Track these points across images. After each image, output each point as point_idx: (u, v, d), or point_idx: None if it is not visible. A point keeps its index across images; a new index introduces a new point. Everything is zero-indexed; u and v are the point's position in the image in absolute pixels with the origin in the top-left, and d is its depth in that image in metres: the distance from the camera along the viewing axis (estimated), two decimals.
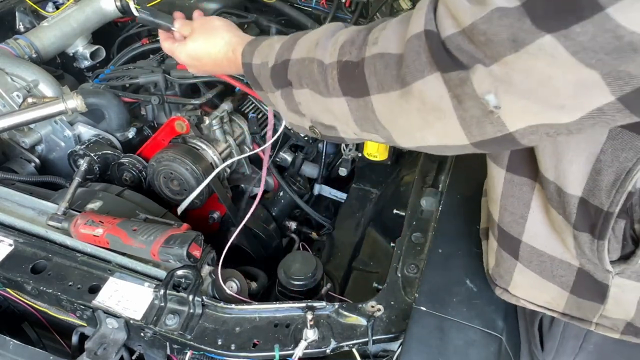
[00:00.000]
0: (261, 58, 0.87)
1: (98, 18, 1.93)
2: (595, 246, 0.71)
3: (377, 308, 1.00)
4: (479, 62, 0.54)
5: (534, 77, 0.51)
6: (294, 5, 1.98)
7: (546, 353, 0.94)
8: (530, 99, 0.53)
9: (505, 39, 0.51)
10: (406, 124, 0.67)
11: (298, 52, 0.79)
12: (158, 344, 1.05)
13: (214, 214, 1.58)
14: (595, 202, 0.67)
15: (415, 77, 0.61)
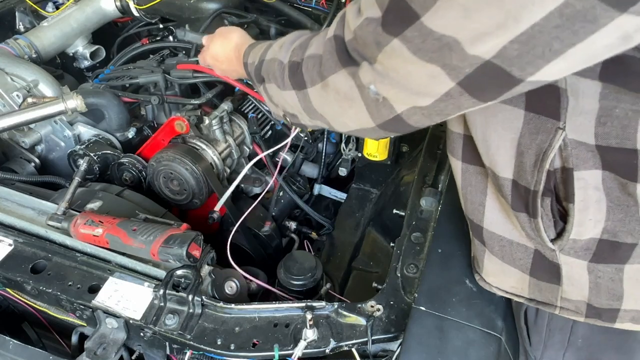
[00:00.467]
0: (252, 58, 1.00)
1: (98, 18, 1.93)
2: (533, 225, 0.77)
3: (377, 308, 1.00)
4: (365, 60, 0.69)
5: (398, 71, 0.64)
6: (294, 5, 1.98)
7: (534, 347, 0.95)
8: (399, 88, 0.66)
9: (372, 42, 0.65)
10: (331, 111, 0.81)
11: (270, 53, 0.92)
12: (158, 344, 1.05)
13: (214, 214, 1.58)
14: (523, 182, 0.75)
15: (329, 72, 0.75)
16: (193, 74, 1.56)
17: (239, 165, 1.62)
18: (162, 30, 1.91)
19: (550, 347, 0.93)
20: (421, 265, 1.05)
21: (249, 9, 1.94)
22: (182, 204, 1.50)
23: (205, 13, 1.69)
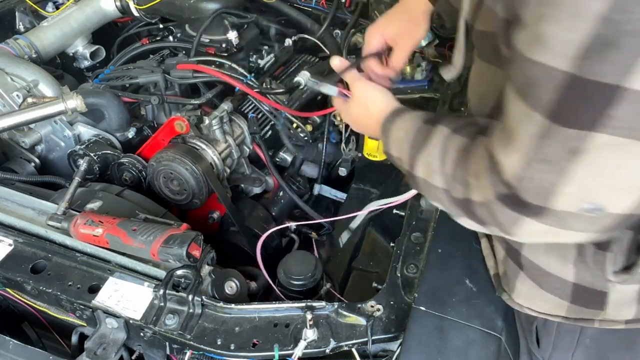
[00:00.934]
0: (397, 152, 0.91)
1: (98, 18, 1.93)
2: (598, 257, 0.75)
3: (377, 308, 1.00)
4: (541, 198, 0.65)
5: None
6: (294, 5, 1.98)
7: (543, 349, 0.94)
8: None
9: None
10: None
11: (420, 171, 0.83)
12: (157, 344, 1.05)
13: (214, 214, 1.58)
14: None
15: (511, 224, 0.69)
16: (193, 74, 1.56)
17: (239, 165, 1.62)
18: (162, 30, 1.91)
19: (559, 348, 0.93)
20: (421, 265, 1.05)
21: (249, 9, 1.94)
22: (182, 204, 1.50)
23: (205, 13, 1.69)
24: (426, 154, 0.81)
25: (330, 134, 1.76)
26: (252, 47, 1.79)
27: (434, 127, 0.82)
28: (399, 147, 0.89)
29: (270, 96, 1.58)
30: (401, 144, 0.88)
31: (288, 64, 1.84)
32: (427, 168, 0.80)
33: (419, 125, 0.86)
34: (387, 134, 0.93)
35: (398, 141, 0.89)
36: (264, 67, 1.75)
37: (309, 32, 1.93)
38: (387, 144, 0.93)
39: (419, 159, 0.82)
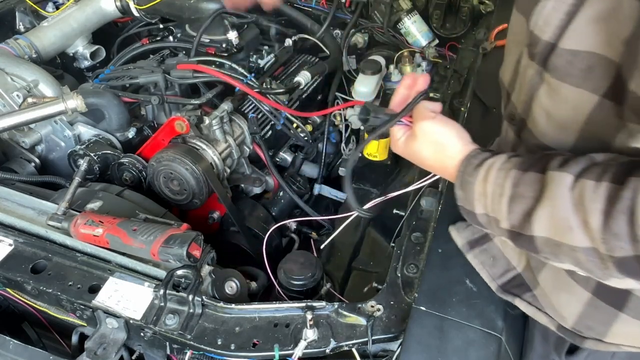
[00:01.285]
0: (483, 209, 0.80)
1: (98, 18, 1.93)
2: None
3: (377, 308, 1.00)
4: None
5: None
6: (294, 5, 1.98)
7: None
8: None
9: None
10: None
11: (542, 229, 0.71)
12: (158, 344, 1.05)
13: (214, 213, 1.59)
14: None
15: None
16: (193, 74, 1.56)
17: (239, 165, 1.62)
18: (162, 31, 1.91)
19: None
20: (421, 265, 1.05)
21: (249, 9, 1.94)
22: (182, 204, 1.50)
23: (205, 13, 1.69)
24: (547, 208, 0.69)
25: (330, 134, 1.76)
26: (252, 47, 1.79)
27: (543, 174, 0.72)
28: (490, 203, 0.78)
29: (270, 96, 1.58)
30: (493, 199, 0.77)
31: (288, 64, 1.84)
32: (555, 226, 0.69)
33: (516, 175, 0.75)
34: (468, 189, 0.81)
35: (486, 197, 0.78)
36: (264, 67, 1.75)
37: (309, 32, 1.93)
38: (467, 200, 0.82)
39: (535, 216, 0.71)
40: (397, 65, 1.74)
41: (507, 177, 0.75)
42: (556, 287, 0.88)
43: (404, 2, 1.85)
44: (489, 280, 0.98)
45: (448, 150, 0.86)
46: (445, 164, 0.86)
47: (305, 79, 1.69)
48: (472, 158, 0.83)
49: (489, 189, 0.78)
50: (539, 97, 0.79)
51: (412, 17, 1.83)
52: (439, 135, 0.87)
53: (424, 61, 1.75)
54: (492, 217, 0.78)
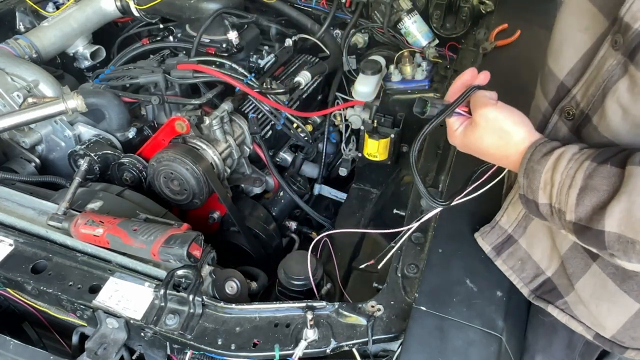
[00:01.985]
0: (549, 199, 0.77)
1: (98, 18, 1.93)
2: None
3: (377, 308, 1.00)
4: None
5: None
6: (294, 5, 1.98)
7: None
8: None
9: None
10: None
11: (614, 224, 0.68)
12: (158, 344, 1.05)
13: (214, 214, 1.59)
14: None
15: None
16: (193, 74, 1.57)
17: (240, 165, 1.62)
18: (163, 31, 1.91)
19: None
20: (421, 265, 1.05)
21: (249, 9, 1.94)
22: (183, 204, 1.50)
23: (205, 13, 1.69)
24: (624, 203, 0.66)
25: (330, 134, 1.76)
26: (252, 47, 1.79)
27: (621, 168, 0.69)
28: (556, 194, 0.74)
29: (271, 96, 1.58)
30: (561, 190, 0.73)
31: (288, 64, 1.84)
32: (630, 222, 0.66)
33: (590, 166, 0.71)
34: (534, 177, 0.77)
35: (553, 186, 0.75)
36: (264, 67, 1.75)
37: (309, 32, 1.93)
38: (530, 188, 0.78)
39: (609, 211, 0.68)
40: (397, 65, 1.74)
41: (580, 169, 0.72)
42: (597, 296, 0.86)
43: (404, 2, 1.85)
44: (520, 286, 0.97)
45: (513, 137, 0.82)
46: (509, 152, 0.83)
47: (305, 79, 1.69)
48: (540, 145, 0.79)
49: (557, 178, 0.74)
50: (617, 91, 0.74)
51: (412, 17, 1.83)
52: (503, 122, 0.84)
53: (424, 61, 1.75)
54: (557, 208, 0.74)
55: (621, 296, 0.82)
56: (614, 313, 0.85)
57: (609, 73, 0.75)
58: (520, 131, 0.83)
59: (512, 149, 0.83)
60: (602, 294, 0.85)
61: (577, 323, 0.91)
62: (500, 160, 0.86)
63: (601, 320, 0.87)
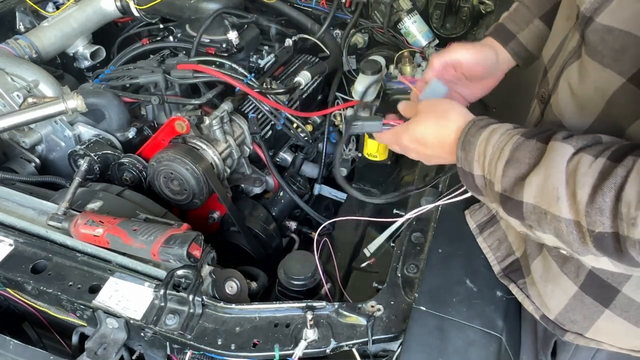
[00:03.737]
0: (482, 170, 0.78)
1: (98, 18, 1.93)
2: None
3: (377, 308, 1.00)
4: None
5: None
6: (294, 5, 1.98)
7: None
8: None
9: None
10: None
11: (531, 195, 0.70)
12: (158, 344, 1.05)
13: (214, 214, 1.59)
14: None
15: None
16: (193, 74, 1.57)
17: (240, 165, 1.62)
18: (163, 31, 1.91)
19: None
20: (421, 265, 1.05)
21: (249, 9, 1.94)
22: (183, 204, 1.50)
23: (205, 13, 1.69)
24: (541, 176, 0.68)
25: (330, 134, 1.76)
26: (252, 47, 1.79)
27: (542, 143, 0.71)
28: (487, 165, 0.76)
29: (271, 96, 1.58)
30: (491, 161, 0.76)
31: (288, 64, 1.84)
32: (544, 193, 0.68)
33: (518, 140, 0.73)
34: (468, 149, 0.79)
35: (485, 158, 0.77)
36: (264, 67, 1.75)
37: (309, 32, 1.93)
38: (466, 160, 0.80)
39: (527, 182, 0.70)
40: (397, 65, 1.74)
41: (509, 142, 0.74)
42: (544, 277, 0.89)
43: (404, 2, 1.85)
44: (493, 264, 0.99)
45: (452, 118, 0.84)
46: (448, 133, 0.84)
47: (305, 79, 1.69)
48: (478, 120, 0.82)
49: (488, 150, 0.76)
50: (569, 71, 0.78)
51: (412, 17, 1.83)
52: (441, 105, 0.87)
53: (424, 61, 1.75)
54: (488, 179, 0.77)
55: (562, 278, 0.85)
56: (557, 295, 0.87)
57: (569, 55, 0.78)
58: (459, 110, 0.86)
59: (451, 129, 0.84)
60: (548, 275, 0.87)
61: (529, 302, 0.94)
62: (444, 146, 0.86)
63: (546, 301, 0.90)
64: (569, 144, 0.68)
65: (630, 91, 0.69)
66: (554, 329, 0.91)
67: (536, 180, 0.69)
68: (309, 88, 1.76)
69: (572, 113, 0.78)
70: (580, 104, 0.77)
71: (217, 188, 1.47)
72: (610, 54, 0.70)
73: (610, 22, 0.69)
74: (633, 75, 0.68)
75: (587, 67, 0.74)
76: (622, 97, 0.70)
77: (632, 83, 0.68)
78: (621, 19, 0.67)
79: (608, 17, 0.69)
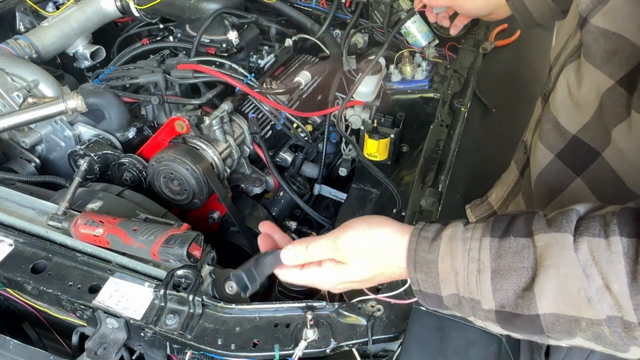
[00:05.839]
0: (454, 289, 0.67)
1: (98, 18, 1.93)
2: None
3: (377, 308, 1.00)
4: None
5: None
6: (294, 6, 1.98)
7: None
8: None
9: None
10: None
11: (549, 305, 0.60)
12: (158, 344, 1.05)
13: (214, 214, 1.59)
14: None
15: None
16: (193, 74, 1.57)
17: (240, 165, 1.62)
18: (163, 31, 1.91)
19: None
20: None
21: (249, 9, 1.94)
22: (183, 204, 1.50)
23: (205, 13, 1.69)
24: (554, 280, 0.59)
25: (330, 134, 1.76)
26: (252, 47, 1.79)
27: (524, 238, 0.62)
28: (463, 282, 0.65)
29: (271, 96, 1.58)
30: (467, 277, 0.65)
31: (288, 64, 1.84)
32: (567, 299, 0.58)
33: (492, 243, 0.64)
34: (427, 269, 0.68)
35: (457, 274, 0.66)
36: (264, 67, 1.75)
37: (309, 32, 1.93)
38: (429, 282, 0.69)
39: (538, 291, 0.59)
40: (397, 65, 1.74)
41: (482, 248, 0.64)
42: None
43: (404, 2, 1.85)
44: None
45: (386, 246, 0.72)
46: (391, 263, 0.72)
47: (305, 79, 1.69)
48: (421, 231, 0.71)
49: (458, 265, 0.65)
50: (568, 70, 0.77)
51: (412, 17, 1.83)
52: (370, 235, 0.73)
53: (424, 61, 1.74)
54: (467, 298, 0.66)
55: None
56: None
57: (570, 53, 0.78)
58: (392, 232, 0.73)
59: (392, 253, 0.72)
60: None
61: None
62: (388, 275, 0.75)
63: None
64: (564, 231, 0.59)
65: (618, 93, 0.68)
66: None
67: (550, 286, 0.59)
68: (309, 88, 1.76)
69: (568, 112, 0.77)
70: (576, 102, 0.76)
71: (217, 188, 1.47)
72: (602, 56, 0.69)
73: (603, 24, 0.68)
74: (622, 78, 0.68)
75: (583, 67, 0.74)
76: (610, 98, 0.70)
77: (621, 85, 0.68)
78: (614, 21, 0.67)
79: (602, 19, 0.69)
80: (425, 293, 0.70)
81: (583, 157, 0.76)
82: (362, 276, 0.75)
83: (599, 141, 0.74)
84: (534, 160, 0.89)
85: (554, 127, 0.81)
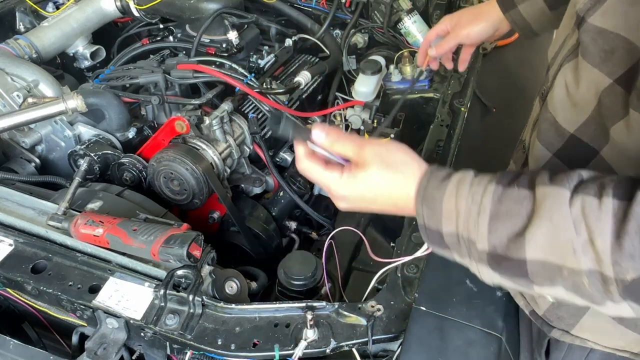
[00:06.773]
0: (454, 227, 0.70)
1: (98, 18, 1.93)
2: None
3: (377, 308, 1.00)
4: None
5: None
6: (294, 6, 1.98)
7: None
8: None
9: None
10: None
11: (536, 251, 0.63)
12: (158, 344, 1.05)
13: (214, 214, 1.59)
14: None
15: None
16: (193, 74, 1.57)
17: (240, 165, 1.62)
18: (162, 31, 1.91)
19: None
20: (421, 265, 1.05)
21: (249, 9, 1.94)
22: (183, 204, 1.50)
23: (205, 13, 1.69)
24: (546, 228, 0.62)
25: None
26: (252, 47, 1.79)
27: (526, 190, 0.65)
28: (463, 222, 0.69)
29: (271, 96, 1.58)
30: (469, 218, 0.68)
31: (288, 64, 1.84)
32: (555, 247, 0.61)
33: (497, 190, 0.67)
34: (433, 206, 0.72)
35: (459, 214, 0.69)
36: (264, 67, 1.75)
37: (309, 32, 1.93)
38: (432, 217, 0.72)
39: (529, 237, 0.63)
40: (397, 65, 1.74)
41: (486, 193, 0.67)
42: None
43: (404, 2, 1.85)
44: None
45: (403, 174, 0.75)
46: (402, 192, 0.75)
47: (305, 79, 1.69)
48: (435, 171, 0.74)
49: (461, 205, 0.69)
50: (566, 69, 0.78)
51: (412, 17, 1.83)
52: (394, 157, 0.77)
53: None
54: (465, 237, 0.69)
55: None
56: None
57: (568, 52, 0.79)
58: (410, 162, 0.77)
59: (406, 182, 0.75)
60: None
61: (520, 297, 0.94)
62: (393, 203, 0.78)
63: (536, 297, 0.90)
64: (563, 187, 0.62)
65: (616, 92, 0.69)
66: (542, 325, 0.91)
67: (541, 233, 0.62)
68: (309, 88, 1.76)
69: (565, 111, 0.78)
70: (574, 102, 0.77)
71: (217, 188, 1.47)
72: (600, 55, 0.70)
73: (601, 23, 0.69)
74: (620, 77, 0.68)
75: (581, 66, 0.74)
76: (608, 97, 0.70)
77: (619, 84, 0.69)
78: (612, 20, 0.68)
79: (600, 19, 0.70)
80: (429, 228, 0.74)
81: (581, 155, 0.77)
82: (374, 188, 0.77)
83: (596, 140, 0.75)
84: (532, 159, 0.89)
85: (552, 126, 0.81)
